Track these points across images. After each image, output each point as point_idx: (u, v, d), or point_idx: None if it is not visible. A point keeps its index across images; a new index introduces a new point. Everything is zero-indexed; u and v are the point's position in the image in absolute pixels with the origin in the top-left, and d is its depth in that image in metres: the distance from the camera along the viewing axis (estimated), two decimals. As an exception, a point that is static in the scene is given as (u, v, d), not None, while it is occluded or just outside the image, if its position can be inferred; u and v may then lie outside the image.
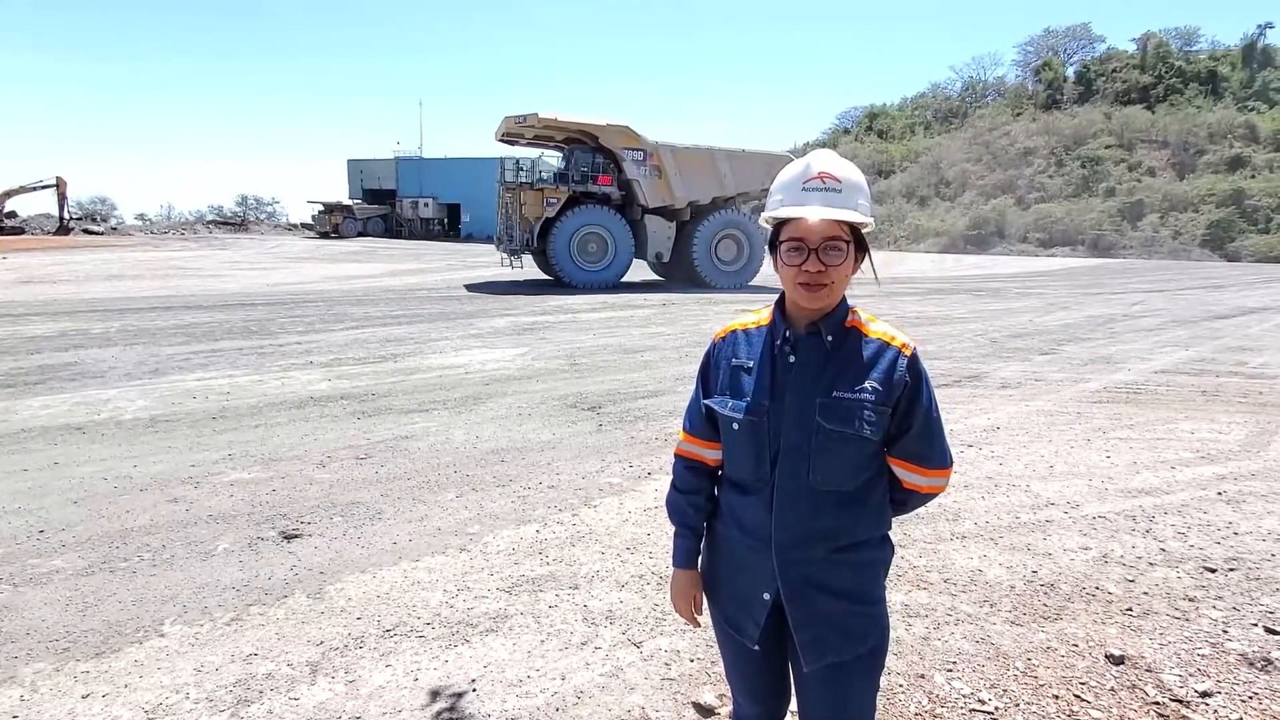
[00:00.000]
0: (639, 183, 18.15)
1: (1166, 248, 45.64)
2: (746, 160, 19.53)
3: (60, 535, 3.36)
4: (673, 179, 18.37)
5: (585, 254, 17.96)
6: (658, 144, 18.14)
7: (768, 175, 18.89)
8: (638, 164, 18.14)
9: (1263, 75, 60.05)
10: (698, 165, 18.71)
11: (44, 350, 7.83)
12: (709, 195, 19.08)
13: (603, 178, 18.26)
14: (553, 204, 17.92)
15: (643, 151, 18.09)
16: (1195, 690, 2.38)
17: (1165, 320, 13.03)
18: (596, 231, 18.05)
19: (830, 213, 1.23)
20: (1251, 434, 5.51)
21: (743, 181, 19.46)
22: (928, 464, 1.36)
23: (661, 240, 19.02)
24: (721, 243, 19.17)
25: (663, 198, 18.50)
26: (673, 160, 18.30)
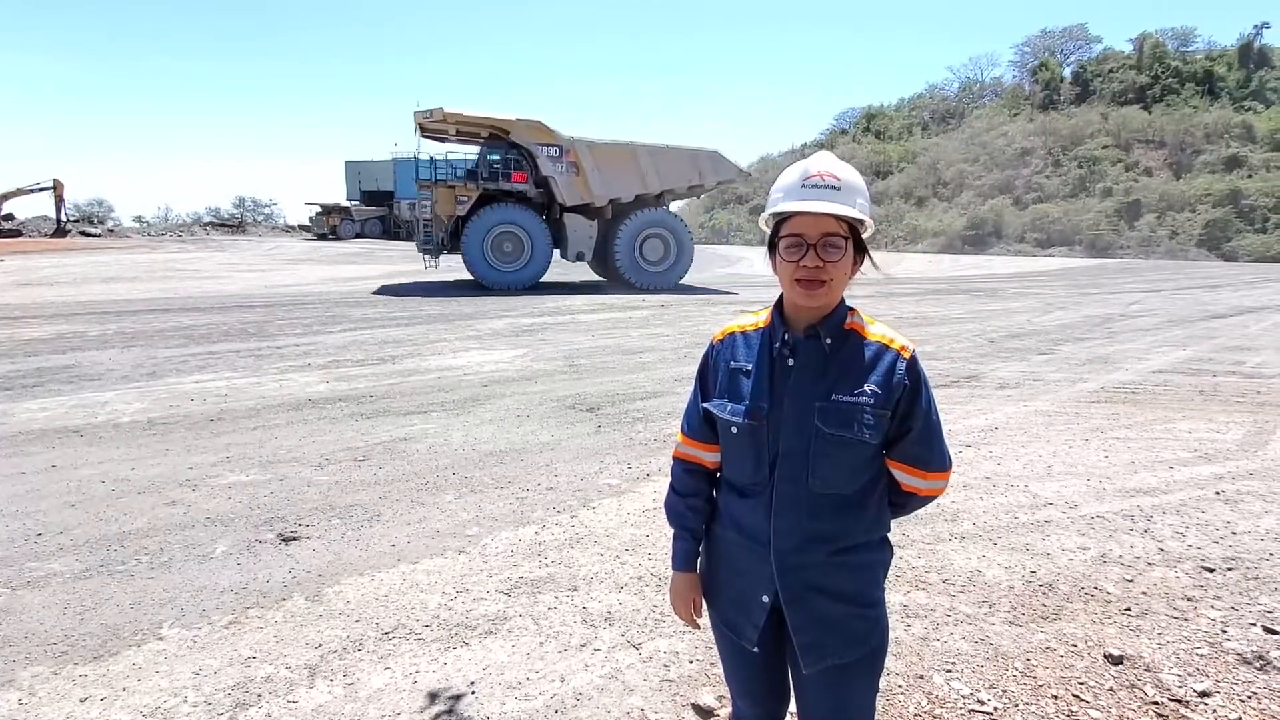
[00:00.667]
0: (555, 180, 17.50)
1: (1163, 248, 45.74)
2: (670, 156, 18.88)
3: (58, 538, 3.35)
4: (591, 176, 17.72)
5: (500, 254, 17.34)
6: (574, 139, 17.52)
7: (694, 171, 18.96)
8: (553, 160, 17.46)
9: (1259, 75, 60.20)
10: (618, 162, 18.09)
11: (41, 353, 7.81)
12: (631, 192, 18.46)
13: (517, 175, 17.64)
14: (463, 202, 17.36)
15: (558, 147, 17.44)
16: (1194, 690, 2.38)
17: (1162, 320, 13.05)
18: (512, 231, 17.42)
19: (829, 207, 1.24)
20: (1249, 433, 5.52)
21: (668, 178, 18.82)
22: (927, 467, 1.36)
23: (583, 239, 18.40)
24: (647, 242, 18.58)
25: (581, 195, 17.87)
26: (591, 156, 17.68)
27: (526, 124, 17.23)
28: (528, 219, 17.54)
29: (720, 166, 19.61)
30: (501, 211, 17.28)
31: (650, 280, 18.59)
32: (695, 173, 19.10)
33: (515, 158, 17.65)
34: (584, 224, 18.38)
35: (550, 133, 17.35)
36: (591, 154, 17.71)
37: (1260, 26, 62.19)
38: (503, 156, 17.63)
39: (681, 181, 19.00)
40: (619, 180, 18.23)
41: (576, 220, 18.28)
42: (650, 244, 18.65)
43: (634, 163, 18.26)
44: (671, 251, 18.89)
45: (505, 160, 17.61)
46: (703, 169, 19.20)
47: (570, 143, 17.50)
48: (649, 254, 18.65)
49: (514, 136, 17.21)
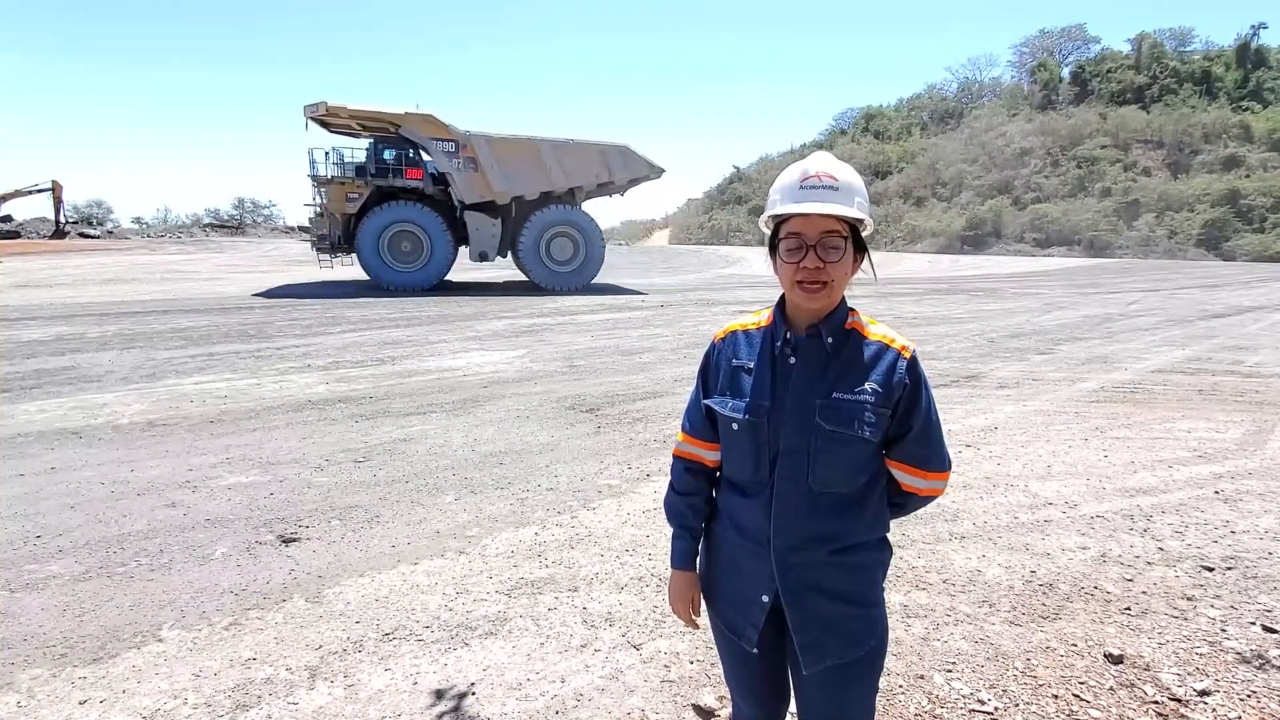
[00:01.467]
0: (452, 176, 16.87)
1: (1162, 247, 45.81)
2: (576, 151, 18.06)
3: (57, 540, 3.35)
4: (490, 171, 17.04)
5: (398, 253, 16.70)
6: (469, 134, 16.84)
7: (602, 167, 18.25)
8: (449, 155, 16.78)
9: (1257, 75, 60.30)
10: (519, 157, 17.36)
11: (40, 354, 7.80)
12: (535, 189, 17.75)
13: (412, 171, 17.01)
14: (354, 199, 16.72)
15: (453, 142, 16.77)
16: (1194, 689, 2.38)
17: (1161, 320, 13.06)
18: (409, 229, 16.76)
19: (828, 208, 1.24)
20: (1248, 433, 5.52)
21: (575, 175, 18.06)
22: (927, 466, 1.36)
23: (485, 238, 17.74)
24: (555, 241, 17.91)
25: (481, 192, 17.21)
26: (489, 151, 16.99)
27: (418, 117, 16.54)
28: (426, 217, 16.85)
29: (631, 162, 18.80)
30: (398, 210, 16.65)
31: (558, 281, 17.93)
32: (604, 169, 18.36)
33: (409, 153, 17.02)
34: (487, 222, 17.68)
35: (443, 127, 16.68)
36: (490, 149, 17.02)
37: (1258, 27, 62.39)
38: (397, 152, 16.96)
39: (589, 178, 18.26)
40: (521, 176, 17.50)
41: (479, 218, 17.58)
42: (558, 243, 17.99)
43: (536, 158, 17.52)
44: (581, 251, 18.19)
45: (400, 156, 16.98)
46: (612, 165, 18.47)
47: (466, 137, 16.83)
48: (557, 253, 17.99)
49: (404, 131, 16.59)
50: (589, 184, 18.51)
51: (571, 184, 18.17)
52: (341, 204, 16.73)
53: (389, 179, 16.86)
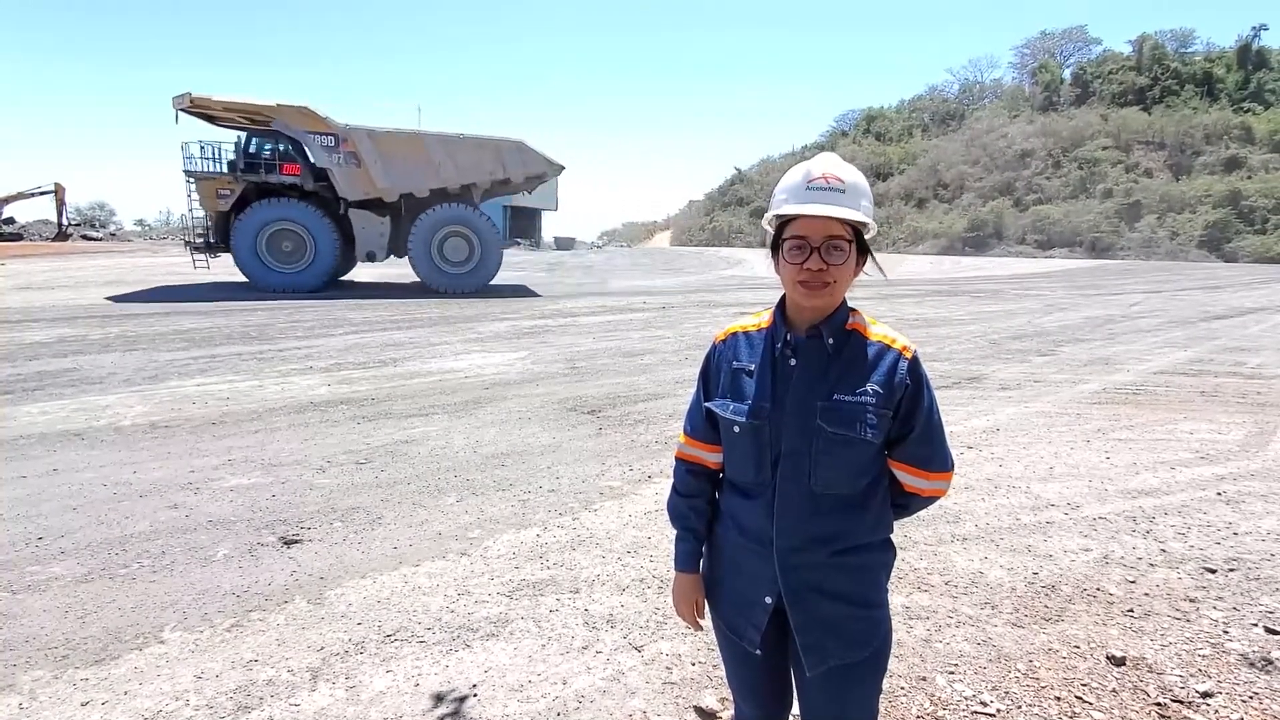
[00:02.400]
0: (333, 171, 16.00)
1: (1164, 248, 45.77)
2: (468, 147, 17.08)
3: (59, 542, 3.36)
4: (374, 167, 16.18)
5: (278, 253, 15.81)
6: (350, 127, 15.97)
7: (497, 164, 17.41)
8: (328, 150, 15.89)
9: (1258, 77, 60.27)
10: (405, 152, 16.44)
11: (42, 356, 7.82)
12: (424, 186, 16.85)
13: (288, 166, 15.98)
14: (225, 196, 15.81)
15: (333, 136, 15.87)
16: (1196, 691, 2.38)
17: (1163, 321, 13.05)
18: (290, 228, 15.82)
19: (834, 210, 1.24)
20: (1250, 434, 5.51)
21: (467, 171, 17.16)
22: (929, 467, 1.36)
23: (373, 237, 16.87)
24: (448, 241, 16.94)
25: (365, 189, 16.39)
26: (372, 146, 16.12)
27: (292, 110, 15.65)
28: (308, 215, 15.95)
29: (528, 159, 17.91)
30: (276, 207, 15.76)
31: (451, 283, 17.00)
32: (499, 165, 17.48)
33: (284, 148, 16.07)
34: (373, 220, 16.81)
35: (320, 120, 15.78)
36: (373, 143, 16.17)
37: (1258, 28, 62.37)
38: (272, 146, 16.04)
39: (484, 175, 17.37)
40: (409, 172, 16.60)
41: (365, 216, 16.73)
42: (452, 243, 17.03)
43: (424, 153, 16.62)
44: (476, 252, 17.24)
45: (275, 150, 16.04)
46: (507, 161, 17.58)
47: (346, 131, 15.96)
48: (451, 254, 17.06)
49: (276, 125, 15.72)
50: (484, 181, 17.57)
51: (464, 181, 17.25)
52: (213, 201, 15.88)
53: (262, 174, 15.89)
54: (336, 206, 16.65)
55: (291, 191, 16.27)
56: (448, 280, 17.03)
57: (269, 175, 15.97)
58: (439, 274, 16.99)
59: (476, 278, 17.33)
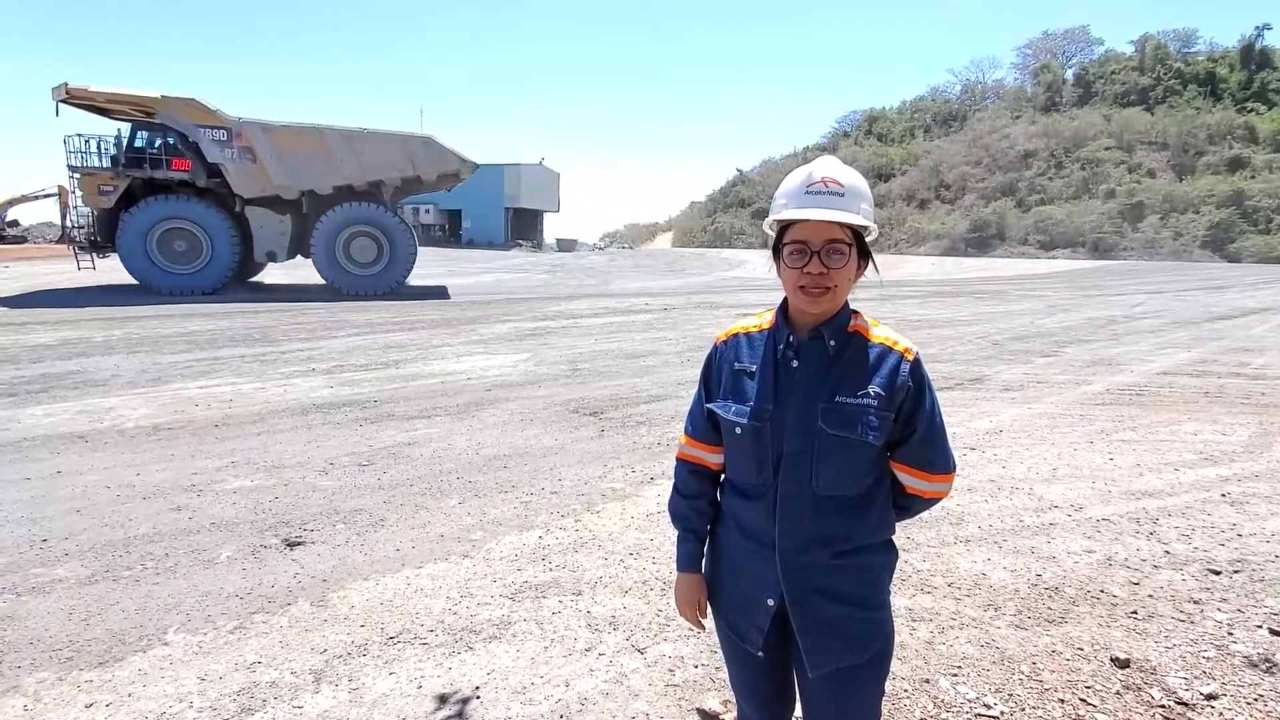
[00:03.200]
0: (225, 167, 15.20)
1: (1167, 249, 45.65)
2: (373, 142, 16.31)
3: (63, 544, 3.36)
4: (270, 163, 15.43)
5: (171, 253, 15.04)
6: (243, 121, 15.20)
7: (405, 161, 16.73)
8: (220, 145, 15.05)
9: (1261, 77, 60.13)
10: (305, 147, 15.67)
11: (46, 359, 7.84)
12: (326, 183, 16.10)
13: (178, 161, 15.13)
14: (108, 192, 14.89)
15: (225, 130, 15.06)
16: (1200, 693, 2.37)
17: (1167, 322, 13.02)
18: (183, 226, 15.05)
19: (833, 215, 1.24)
20: (1254, 435, 5.50)
21: (374, 168, 16.39)
22: (931, 469, 1.36)
23: (272, 236, 16.06)
24: (355, 241, 16.21)
25: (261, 185, 15.60)
26: (267, 141, 15.34)
27: (178, 102, 14.83)
28: (202, 213, 15.17)
29: (439, 156, 17.07)
30: (166, 205, 14.98)
31: (358, 284, 16.25)
32: (407, 162, 16.70)
33: (173, 141, 15.16)
34: (272, 219, 15.99)
35: (210, 113, 15.00)
36: (268, 138, 15.39)
37: (1262, 28, 62.18)
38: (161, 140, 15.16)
39: (392, 172, 16.62)
40: (309, 169, 15.83)
41: (262, 214, 15.92)
42: (359, 243, 16.30)
43: (325, 149, 15.87)
44: (385, 252, 16.49)
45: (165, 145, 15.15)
46: (416, 158, 16.76)
47: (239, 124, 15.16)
48: (358, 254, 16.30)
49: (163, 117, 14.90)
50: (392, 178, 16.77)
51: (370, 178, 16.47)
52: (95, 197, 14.96)
53: (147, 170, 15.03)
54: (233, 203, 15.85)
55: (184, 188, 15.44)
56: (354, 282, 16.27)
57: (155, 171, 15.12)
58: (345, 275, 16.26)
59: (386, 279, 16.56)
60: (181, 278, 15.16)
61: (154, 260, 15.03)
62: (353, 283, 16.28)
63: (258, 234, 16.04)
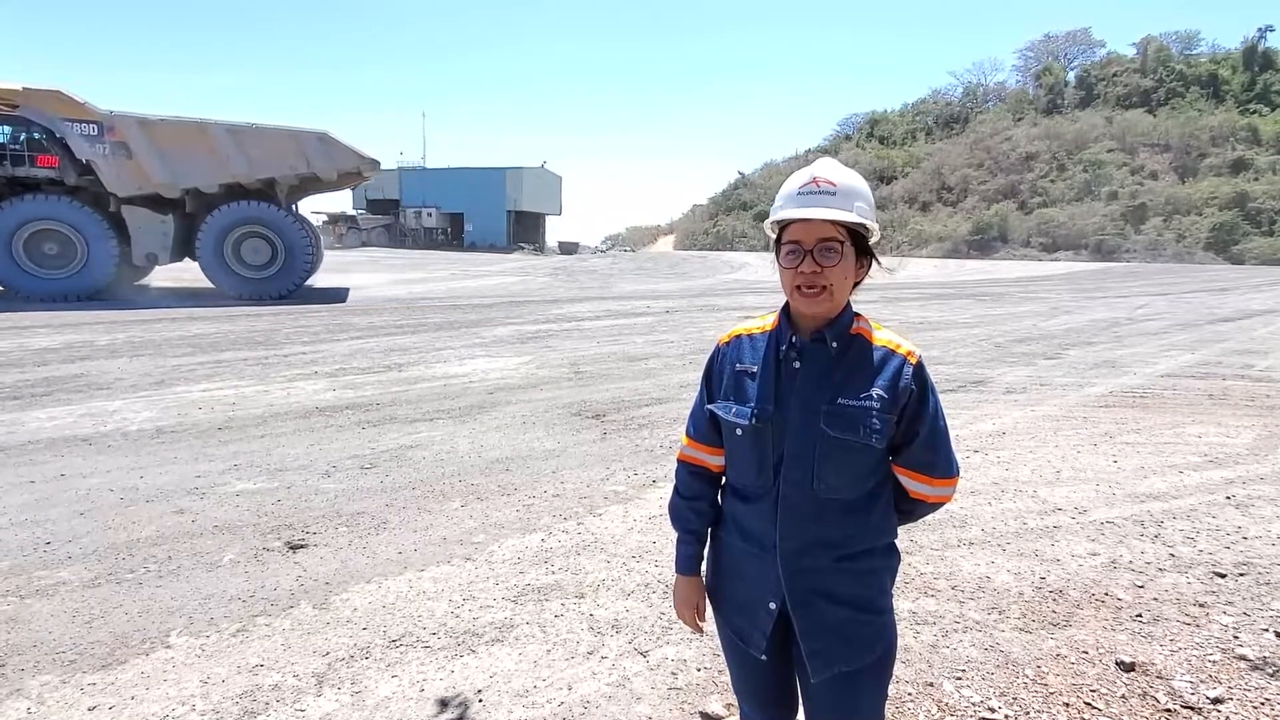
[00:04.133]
0: (97, 164, 14.24)
1: (1170, 251, 45.56)
2: (262, 138, 15.38)
3: (67, 547, 3.37)
4: (148, 159, 14.48)
5: (41, 256, 14.07)
6: (116, 115, 14.26)
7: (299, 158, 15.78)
8: (90, 140, 14.08)
9: (1264, 78, 60.06)
10: (185, 143, 14.71)
11: (50, 362, 7.86)
12: (212, 180, 15.16)
13: (44, 158, 14.16)
14: None
15: (95, 124, 14.10)
16: (1207, 697, 2.36)
17: (1170, 324, 12.99)
18: (52, 227, 14.06)
19: (822, 213, 1.25)
20: (1259, 437, 5.48)
21: (263, 165, 15.42)
22: (934, 473, 1.35)
23: (153, 238, 15.03)
24: (246, 242, 15.29)
25: (138, 183, 14.62)
26: (143, 136, 14.38)
27: (43, 94, 14.02)
28: (74, 213, 14.18)
29: (335, 153, 16.10)
30: (32, 204, 14.00)
31: (250, 288, 15.29)
32: (301, 159, 15.74)
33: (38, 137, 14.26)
34: (152, 219, 14.95)
35: (78, 106, 14.10)
36: (145, 133, 14.42)
37: (1264, 29, 62.12)
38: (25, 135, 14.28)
39: (285, 169, 15.65)
40: (191, 165, 14.88)
41: (141, 214, 14.86)
42: (251, 244, 15.36)
43: (209, 144, 14.91)
44: (280, 254, 15.53)
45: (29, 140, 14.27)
46: (311, 155, 15.80)
47: (111, 118, 14.21)
48: (250, 256, 15.38)
49: (26, 111, 13.97)
50: (286, 176, 15.78)
51: (260, 175, 15.49)
52: None
53: (8, 167, 14.05)
54: (108, 203, 14.84)
55: (53, 186, 14.47)
56: (246, 285, 15.33)
57: (18, 168, 14.13)
58: (234, 278, 15.35)
59: (280, 282, 15.62)
60: (54, 283, 14.11)
61: (20, 264, 14.04)
62: (243, 286, 15.32)
63: (136, 235, 14.94)
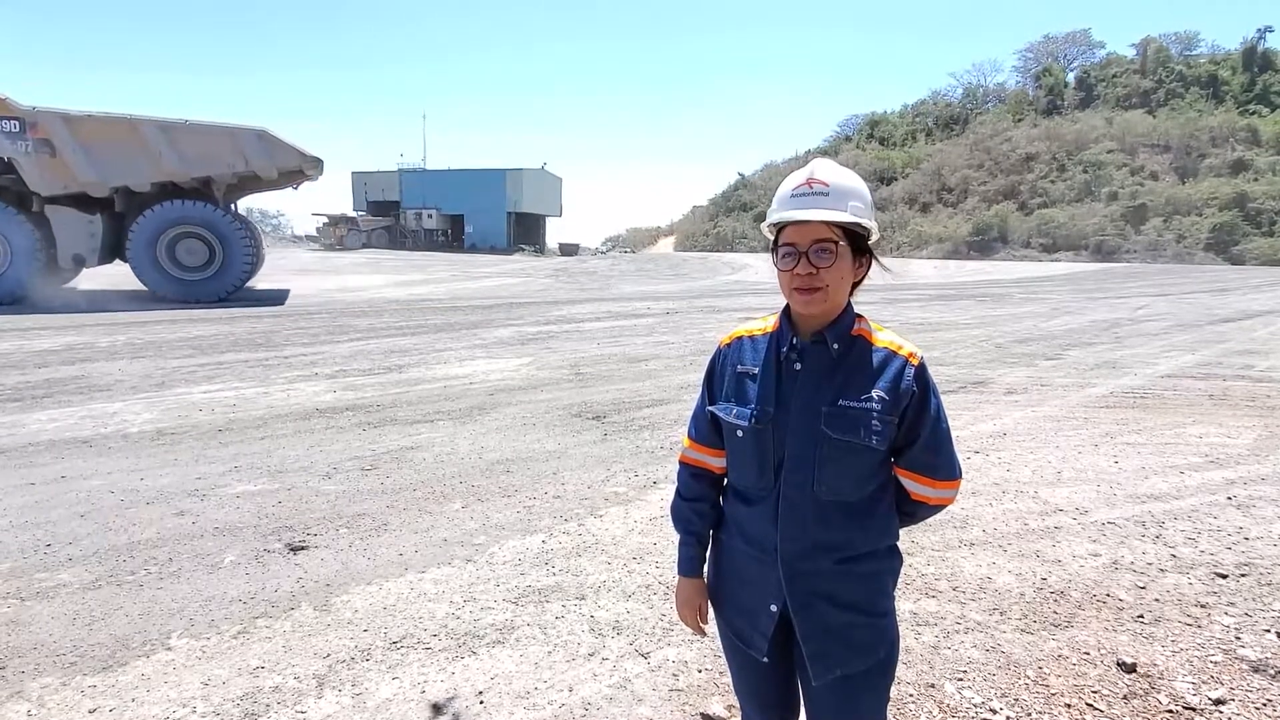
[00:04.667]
0: (19, 161, 13.70)
1: (1170, 251, 45.53)
2: (196, 134, 14.70)
3: (67, 549, 3.37)
4: (74, 156, 13.89)
5: None
6: (39, 110, 13.72)
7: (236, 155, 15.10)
8: (11, 137, 13.58)
9: (1263, 79, 60.07)
10: (114, 139, 14.10)
11: (51, 364, 7.86)
12: (143, 179, 14.54)
13: None
14: None
15: (16, 120, 13.56)
16: (1208, 698, 2.36)
17: (1170, 324, 12.98)
18: None
19: (813, 214, 1.25)
20: (1260, 438, 5.48)
21: (198, 163, 14.77)
22: (936, 475, 1.35)
23: (79, 238, 14.35)
24: (180, 243, 14.60)
25: (63, 181, 14.03)
26: (68, 132, 13.78)
27: None
28: None
29: (275, 151, 15.35)
30: None
31: (185, 290, 14.61)
32: (239, 157, 15.05)
33: None
34: (79, 219, 14.29)
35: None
36: (70, 129, 13.82)
37: (1264, 30, 62.10)
38: None
39: (221, 167, 14.99)
40: (122, 163, 14.27)
41: (66, 214, 14.22)
42: (185, 245, 14.68)
43: (140, 141, 14.28)
44: (218, 255, 14.91)
45: None
46: (249, 153, 15.08)
47: (34, 114, 13.65)
48: (185, 258, 14.70)
49: None
50: (223, 174, 15.13)
51: (196, 173, 14.85)
52: None
53: None
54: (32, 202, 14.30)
55: None
56: (180, 288, 14.64)
57: None
58: (168, 280, 14.66)
59: (218, 284, 14.99)
60: None
61: None
62: (178, 289, 14.64)
63: (60, 236, 14.27)
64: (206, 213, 14.89)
